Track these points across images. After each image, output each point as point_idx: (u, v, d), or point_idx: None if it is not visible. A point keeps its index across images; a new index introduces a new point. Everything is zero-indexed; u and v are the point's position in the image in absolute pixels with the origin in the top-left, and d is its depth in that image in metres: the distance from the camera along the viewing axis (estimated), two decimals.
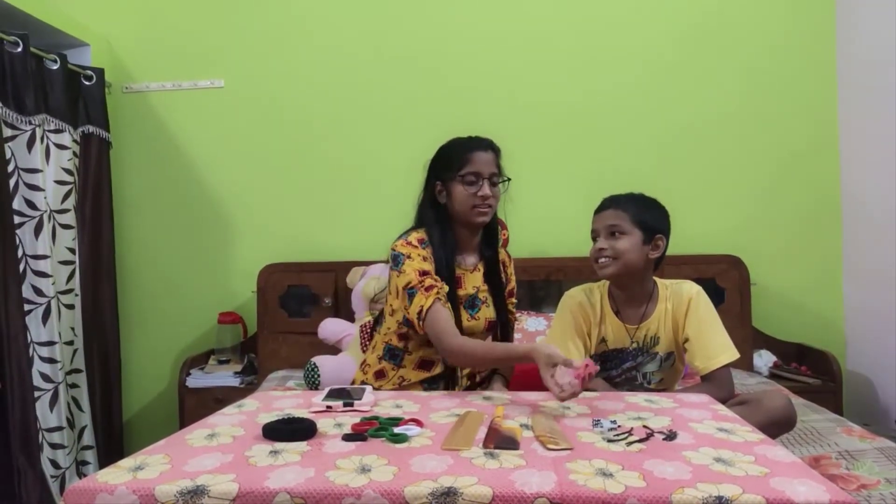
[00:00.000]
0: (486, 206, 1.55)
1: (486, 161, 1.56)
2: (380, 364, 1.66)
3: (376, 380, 1.65)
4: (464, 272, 1.62)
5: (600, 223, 1.60)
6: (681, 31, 2.80)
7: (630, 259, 1.56)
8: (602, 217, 1.61)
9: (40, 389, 2.29)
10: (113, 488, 0.84)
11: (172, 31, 2.91)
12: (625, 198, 1.62)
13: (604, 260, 1.58)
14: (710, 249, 2.70)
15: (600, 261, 1.58)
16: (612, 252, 1.56)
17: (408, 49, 2.86)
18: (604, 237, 1.58)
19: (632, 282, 1.61)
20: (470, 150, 1.56)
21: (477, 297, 1.62)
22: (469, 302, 1.61)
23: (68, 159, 2.50)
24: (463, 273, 1.62)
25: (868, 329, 2.62)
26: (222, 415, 1.22)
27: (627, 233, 1.56)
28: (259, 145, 2.90)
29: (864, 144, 2.63)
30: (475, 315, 1.61)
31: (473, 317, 1.61)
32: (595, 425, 1.08)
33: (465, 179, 1.54)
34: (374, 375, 1.66)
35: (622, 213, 1.58)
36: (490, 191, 1.54)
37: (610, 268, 1.57)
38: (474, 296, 1.62)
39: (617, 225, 1.57)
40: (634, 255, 1.56)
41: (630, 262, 1.56)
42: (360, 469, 0.88)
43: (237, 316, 2.81)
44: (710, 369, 1.53)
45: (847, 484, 1.43)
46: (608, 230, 1.58)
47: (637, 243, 1.57)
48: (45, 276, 2.32)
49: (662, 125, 2.80)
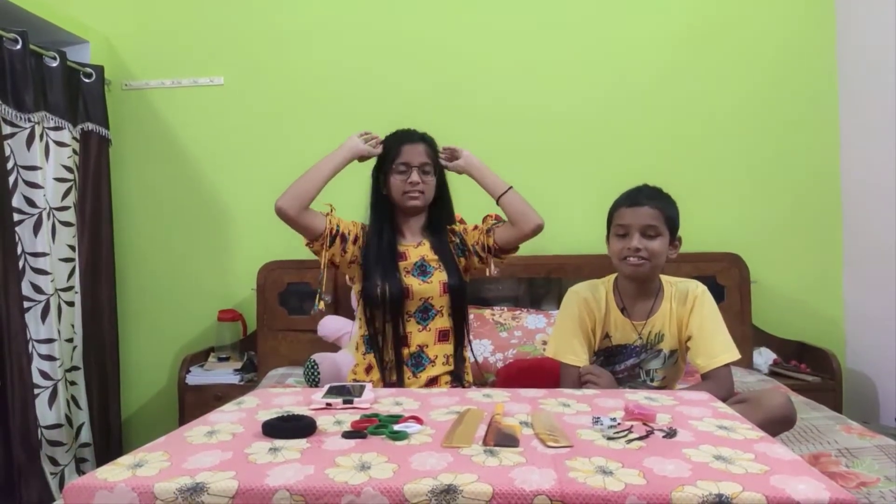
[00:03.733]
0: (416, 191, 1.71)
1: (415, 152, 1.71)
2: (365, 359, 1.72)
3: (367, 374, 1.70)
4: (406, 247, 1.76)
5: (635, 220, 1.54)
6: (680, 31, 2.79)
7: (661, 261, 1.55)
8: (639, 214, 1.54)
9: (39, 387, 2.29)
10: (112, 485, 0.84)
11: (172, 28, 2.91)
12: (656, 194, 1.58)
13: (636, 259, 1.53)
14: (711, 247, 2.70)
15: (631, 259, 1.54)
16: (648, 253, 1.53)
17: (409, 47, 2.86)
18: (640, 235, 1.53)
19: (648, 279, 1.60)
20: (401, 144, 1.73)
21: (426, 264, 1.73)
22: (419, 269, 1.73)
23: (68, 157, 2.50)
24: (406, 248, 1.76)
25: (868, 327, 2.62)
26: (222, 412, 1.21)
27: (662, 234, 1.54)
28: (259, 142, 2.90)
29: (865, 142, 2.63)
30: (428, 279, 1.72)
31: (426, 281, 1.71)
32: (595, 423, 1.08)
33: (397, 169, 1.72)
34: (364, 371, 1.71)
35: (658, 212, 1.53)
36: (419, 178, 1.70)
37: (644, 268, 1.54)
38: (422, 263, 1.73)
39: (654, 226, 1.53)
40: (664, 257, 1.55)
41: (660, 264, 1.55)
42: (359, 466, 0.88)
43: (237, 313, 2.81)
44: (711, 367, 1.53)
45: (847, 482, 1.43)
46: (644, 229, 1.53)
47: (666, 244, 1.55)
48: (44, 273, 2.32)
49: (663, 124, 2.80)
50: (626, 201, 1.58)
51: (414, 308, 1.71)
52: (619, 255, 1.57)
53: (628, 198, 1.58)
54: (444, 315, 1.73)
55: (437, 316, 1.72)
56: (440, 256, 1.74)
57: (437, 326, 1.72)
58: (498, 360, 2.35)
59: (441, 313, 1.73)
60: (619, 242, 1.57)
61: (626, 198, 1.59)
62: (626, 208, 1.57)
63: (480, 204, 1.83)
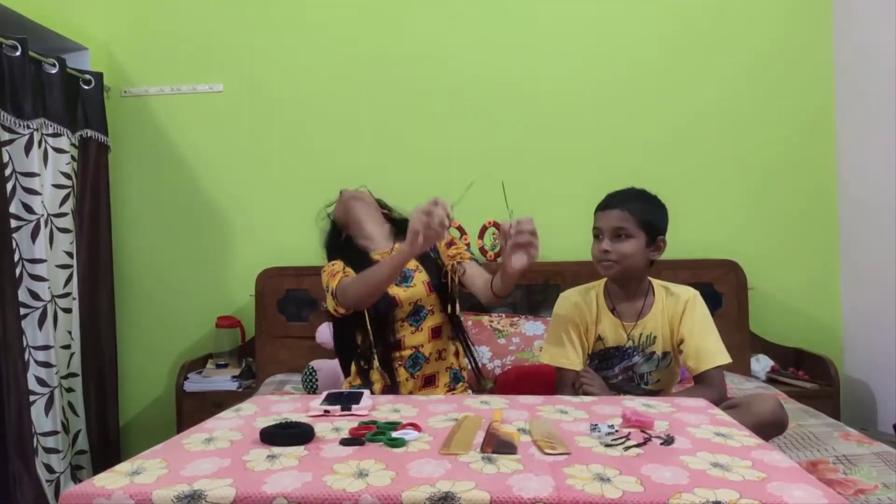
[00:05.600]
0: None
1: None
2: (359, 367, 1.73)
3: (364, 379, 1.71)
4: (382, 255, 1.75)
5: (605, 223, 1.58)
6: (674, 35, 2.81)
7: (633, 262, 1.56)
8: (607, 217, 1.58)
9: (35, 394, 2.28)
10: (110, 493, 0.84)
11: (171, 35, 2.92)
12: (630, 196, 1.60)
13: (607, 262, 1.57)
14: (708, 254, 2.71)
15: (603, 262, 1.58)
16: (617, 255, 1.56)
17: (406, 55, 2.87)
18: (608, 238, 1.57)
19: (631, 281, 1.62)
20: None
21: (406, 270, 1.72)
22: (399, 277, 1.72)
23: (66, 163, 2.50)
24: (381, 255, 1.75)
25: (865, 334, 2.63)
26: (220, 419, 1.21)
27: (633, 236, 1.55)
28: (258, 149, 2.90)
29: (861, 148, 2.64)
30: (410, 283, 1.72)
31: (410, 285, 1.72)
32: (592, 430, 1.08)
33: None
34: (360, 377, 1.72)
35: (628, 214, 1.56)
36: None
37: (613, 270, 1.57)
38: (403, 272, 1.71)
39: (623, 228, 1.55)
40: (638, 258, 1.56)
41: (633, 266, 1.57)
42: (357, 474, 0.88)
43: (235, 320, 2.81)
44: (702, 370, 1.54)
45: (844, 489, 1.43)
46: (613, 232, 1.56)
47: (641, 246, 1.56)
48: (41, 280, 2.32)
49: (661, 131, 2.81)
50: (600, 204, 1.63)
51: (405, 314, 1.71)
52: (593, 256, 1.62)
53: (603, 201, 1.63)
54: (436, 312, 1.74)
55: (428, 315, 1.73)
56: (417, 259, 1.73)
57: (429, 325, 1.73)
58: (496, 366, 2.35)
59: (432, 312, 1.73)
60: (594, 245, 1.61)
61: (602, 201, 1.63)
62: (598, 211, 1.62)
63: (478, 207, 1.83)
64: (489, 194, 1.67)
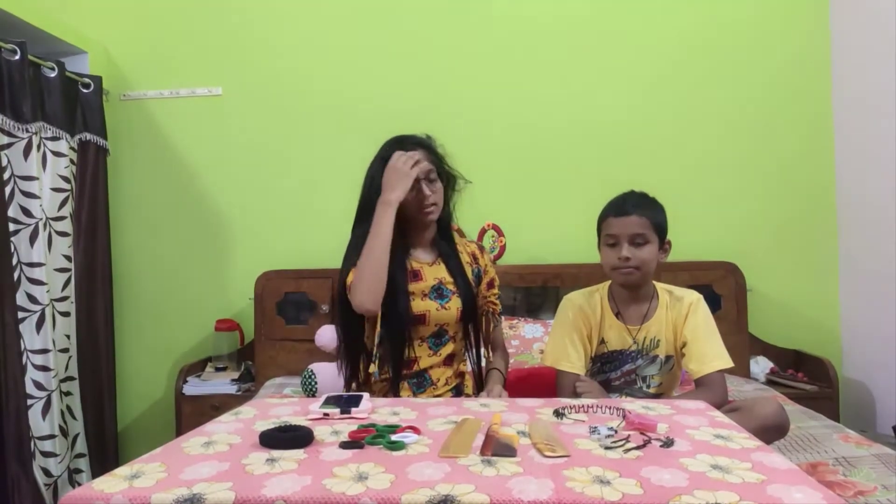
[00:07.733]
0: (430, 205, 1.56)
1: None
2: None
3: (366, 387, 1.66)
4: (422, 265, 1.62)
5: (623, 230, 1.55)
6: (675, 42, 2.82)
7: (652, 268, 1.57)
8: (626, 224, 1.56)
9: (33, 397, 2.27)
10: (109, 497, 0.84)
11: (170, 38, 2.92)
12: (643, 201, 1.59)
13: (627, 270, 1.55)
14: (707, 256, 2.71)
15: (623, 270, 1.56)
16: (638, 262, 1.54)
17: (406, 57, 2.87)
18: (628, 244, 1.55)
19: (641, 285, 1.62)
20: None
21: (444, 287, 1.61)
22: (436, 292, 1.60)
23: (65, 167, 2.50)
24: (421, 266, 1.62)
25: (864, 335, 2.63)
26: (219, 422, 1.21)
27: (650, 241, 1.55)
28: (257, 153, 2.91)
29: (860, 150, 2.64)
30: (445, 305, 1.59)
31: (444, 306, 1.59)
32: (592, 432, 1.08)
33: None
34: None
35: (645, 220, 1.55)
36: (429, 189, 1.56)
37: (634, 276, 1.56)
38: (440, 286, 1.61)
39: (642, 234, 1.54)
40: (654, 263, 1.57)
41: (651, 271, 1.57)
42: (357, 477, 0.88)
43: (234, 323, 2.81)
44: (704, 373, 1.54)
45: (844, 491, 1.43)
46: (632, 238, 1.55)
47: (655, 250, 1.57)
48: (40, 283, 2.31)
49: (660, 134, 2.82)
50: (613, 210, 1.59)
51: (428, 333, 1.60)
52: (610, 264, 1.59)
53: (615, 207, 1.60)
54: (457, 340, 1.65)
55: (449, 342, 1.63)
56: (456, 280, 1.62)
57: (447, 352, 1.63)
58: None
59: (454, 339, 1.64)
60: (610, 252, 1.59)
61: (613, 207, 1.61)
62: (613, 218, 1.58)
63: (477, 210, 1.83)
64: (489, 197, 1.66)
